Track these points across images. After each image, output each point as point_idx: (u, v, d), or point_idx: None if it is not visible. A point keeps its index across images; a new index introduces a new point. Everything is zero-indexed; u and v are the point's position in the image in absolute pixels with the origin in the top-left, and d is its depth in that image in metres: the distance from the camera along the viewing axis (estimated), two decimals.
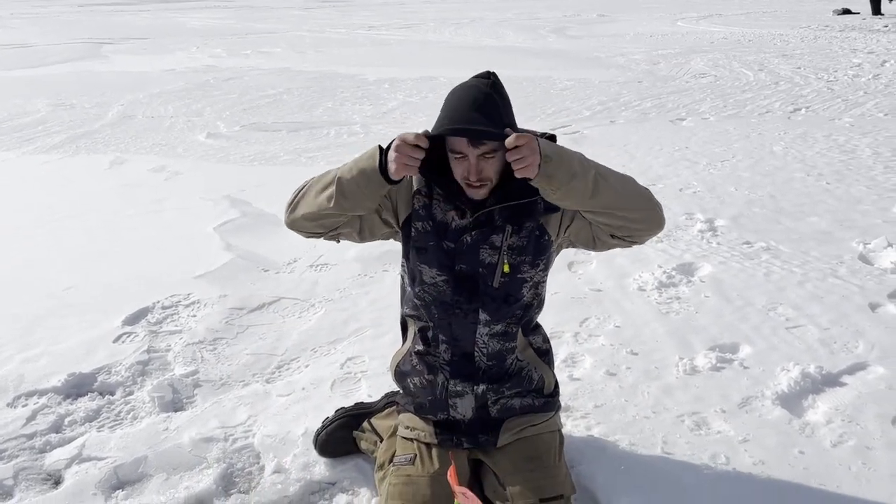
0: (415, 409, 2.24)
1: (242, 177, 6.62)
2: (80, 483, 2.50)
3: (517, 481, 2.04)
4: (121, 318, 3.69)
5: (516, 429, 2.16)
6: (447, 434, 2.18)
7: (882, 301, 3.59)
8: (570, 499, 2.08)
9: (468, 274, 2.08)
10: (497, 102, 1.85)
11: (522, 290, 2.10)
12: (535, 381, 2.20)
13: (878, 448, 2.47)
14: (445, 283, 2.09)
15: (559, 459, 2.16)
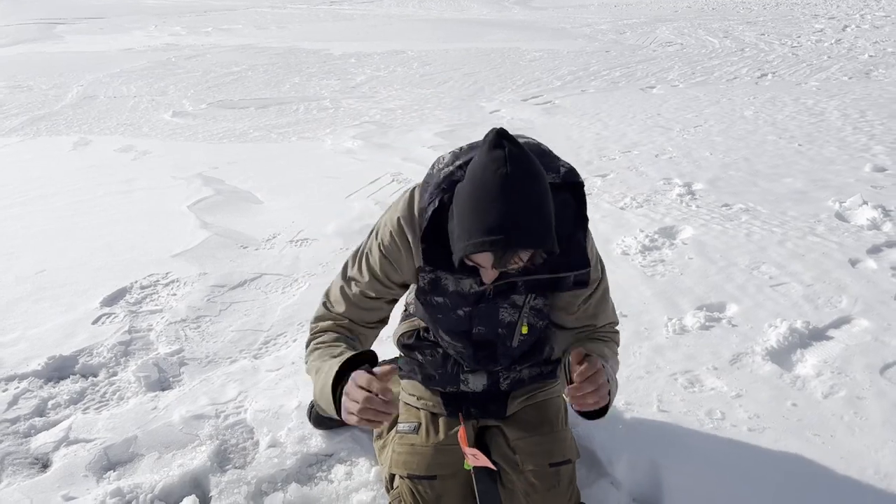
0: (422, 379, 2.17)
1: (213, 155, 6.48)
2: (69, 466, 2.44)
3: (527, 446, 2.02)
4: (98, 299, 3.59)
5: (523, 396, 2.13)
6: (454, 405, 2.13)
7: (861, 257, 3.65)
8: (575, 463, 2.08)
9: (486, 338, 1.98)
10: (524, 191, 1.45)
11: (544, 346, 2.06)
12: (545, 353, 2.16)
13: (869, 397, 2.52)
14: (462, 345, 2.02)
15: (566, 424, 2.16)
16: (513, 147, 1.47)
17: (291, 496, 2.28)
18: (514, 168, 1.45)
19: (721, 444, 2.32)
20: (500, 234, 1.41)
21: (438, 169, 1.70)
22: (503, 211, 1.42)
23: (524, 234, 1.43)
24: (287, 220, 4.68)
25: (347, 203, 5.02)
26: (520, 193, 1.44)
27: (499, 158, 1.45)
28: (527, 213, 1.44)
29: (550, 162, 1.70)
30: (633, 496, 2.22)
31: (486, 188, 1.45)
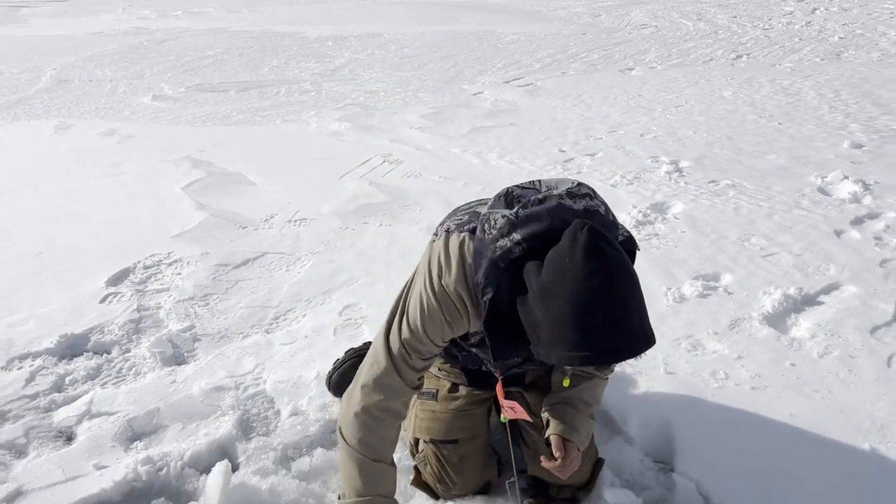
0: (444, 356, 2.17)
1: (198, 137, 6.46)
2: (94, 437, 2.48)
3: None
4: (102, 279, 3.61)
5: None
6: (476, 377, 2.17)
7: (846, 228, 3.82)
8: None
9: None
10: (632, 301, 1.43)
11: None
12: None
13: (861, 356, 2.67)
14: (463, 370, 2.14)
15: None
16: (610, 250, 1.41)
17: (318, 460, 2.35)
18: (620, 279, 1.41)
19: (726, 402, 2.45)
20: (607, 353, 1.41)
21: (491, 237, 1.58)
22: (621, 326, 1.40)
23: (628, 350, 1.42)
24: (282, 200, 4.71)
25: (341, 184, 5.06)
26: (629, 305, 1.42)
27: (602, 271, 1.38)
28: (639, 320, 1.43)
29: (611, 231, 1.59)
30: (646, 451, 2.33)
31: (592, 304, 1.38)
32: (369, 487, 1.76)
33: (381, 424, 1.80)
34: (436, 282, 1.70)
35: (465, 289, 1.67)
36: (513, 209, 1.58)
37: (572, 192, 1.58)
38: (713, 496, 2.11)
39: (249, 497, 2.17)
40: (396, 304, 1.83)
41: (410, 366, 1.78)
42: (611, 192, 4.55)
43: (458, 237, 1.71)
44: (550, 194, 1.57)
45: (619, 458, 2.29)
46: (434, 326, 1.73)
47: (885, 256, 3.46)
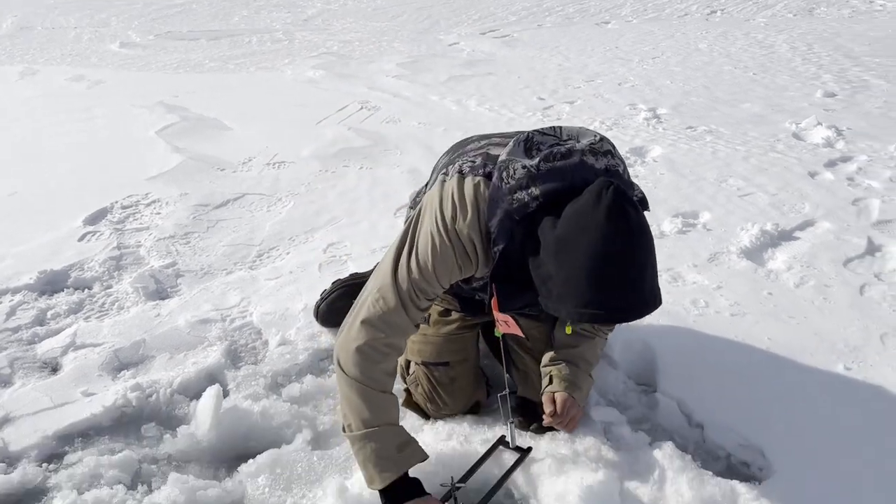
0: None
1: (171, 84, 6.33)
2: (81, 368, 2.47)
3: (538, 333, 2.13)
4: (80, 218, 3.55)
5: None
6: (469, 309, 2.17)
7: (819, 170, 3.90)
8: None
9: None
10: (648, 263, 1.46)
11: None
12: None
13: (835, 285, 2.76)
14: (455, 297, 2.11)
15: None
16: (633, 213, 1.42)
17: (307, 386, 2.37)
18: (640, 242, 1.43)
19: (707, 327, 2.52)
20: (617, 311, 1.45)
21: (509, 187, 1.55)
22: (634, 288, 1.43)
23: (636, 311, 1.45)
24: (260, 144, 4.66)
25: (319, 129, 5.01)
26: (646, 269, 1.44)
27: (624, 232, 1.40)
28: (651, 284, 1.45)
29: (630, 191, 1.59)
30: (629, 374, 2.39)
31: (611, 265, 1.40)
32: (377, 417, 1.74)
33: (384, 359, 1.77)
34: (449, 224, 1.66)
35: (477, 235, 1.64)
36: (532, 158, 1.56)
37: (595, 149, 1.57)
38: (694, 413, 2.18)
39: (241, 420, 2.19)
40: (403, 239, 1.77)
41: (416, 305, 1.75)
42: None
43: (473, 180, 1.67)
44: (574, 148, 1.55)
45: (604, 381, 2.35)
46: (444, 268, 1.70)
47: (858, 195, 3.56)
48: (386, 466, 1.70)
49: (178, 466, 2.10)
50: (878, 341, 2.42)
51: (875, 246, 3.05)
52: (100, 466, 2.04)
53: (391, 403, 1.80)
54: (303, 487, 1.96)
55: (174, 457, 2.13)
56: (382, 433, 1.72)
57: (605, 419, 2.15)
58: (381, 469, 1.69)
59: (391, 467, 1.70)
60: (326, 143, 4.67)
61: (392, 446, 1.72)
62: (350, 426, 1.75)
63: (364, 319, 1.75)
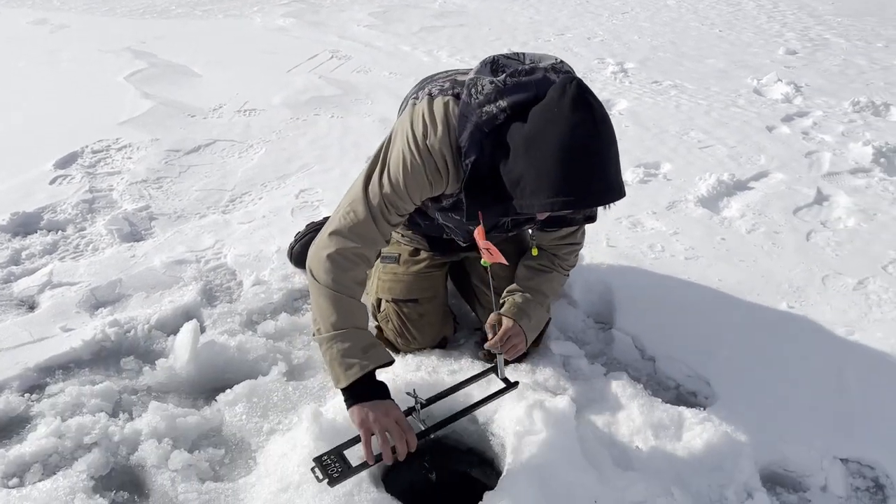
0: (407, 223, 2.22)
1: (137, 30, 6.22)
2: (58, 305, 2.52)
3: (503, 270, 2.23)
4: (50, 162, 3.55)
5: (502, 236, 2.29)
6: (439, 248, 2.27)
7: (777, 124, 4.05)
8: None
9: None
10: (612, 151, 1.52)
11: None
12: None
13: (784, 232, 2.92)
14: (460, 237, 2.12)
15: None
16: (596, 104, 1.50)
17: (282, 324, 2.46)
18: (604, 130, 1.49)
19: (662, 270, 2.66)
20: (586, 196, 1.48)
21: (478, 101, 1.62)
22: (602, 174, 1.48)
23: (615, 192, 1.51)
24: (230, 91, 4.66)
25: (289, 77, 5.01)
26: (610, 155, 1.50)
27: (589, 121, 1.47)
28: (615, 172, 1.51)
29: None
30: (588, 313, 2.53)
31: (578, 150, 1.46)
32: (345, 320, 1.79)
33: (354, 267, 1.84)
34: (420, 140, 1.73)
35: (448, 150, 1.70)
36: (498, 76, 1.64)
37: (556, 68, 1.66)
38: (647, 348, 2.33)
39: (218, 354, 2.28)
40: (375, 160, 1.84)
41: (386, 219, 1.83)
42: None
43: (443, 100, 1.74)
44: (537, 66, 1.64)
45: (564, 319, 2.48)
46: (415, 183, 1.76)
47: (811, 149, 3.71)
48: (350, 365, 1.73)
49: (158, 397, 2.18)
50: (820, 282, 2.59)
51: (823, 196, 3.21)
52: (81, 396, 2.11)
53: (359, 309, 1.85)
54: (279, 414, 2.07)
55: (153, 388, 2.22)
56: (349, 335, 1.76)
57: (564, 353, 2.29)
58: (346, 367, 1.73)
59: (355, 366, 1.73)
60: (297, 91, 4.68)
61: (357, 347, 1.76)
62: (319, 330, 1.80)
63: (334, 230, 1.84)
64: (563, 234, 2.10)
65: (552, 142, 1.48)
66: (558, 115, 1.49)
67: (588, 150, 1.47)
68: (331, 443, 1.82)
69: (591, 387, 2.12)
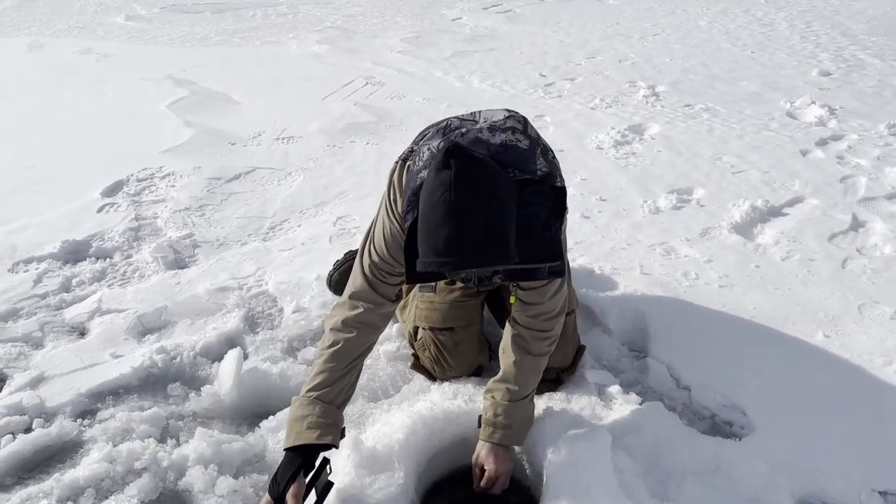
0: None
1: (178, 58, 6.41)
2: (107, 331, 2.63)
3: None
4: (97, 190, 3.69)
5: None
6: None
7: (811, 148, 4.04)
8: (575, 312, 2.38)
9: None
10: (470, 215, 1.47)
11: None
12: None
13: (819, 259, 2.91)
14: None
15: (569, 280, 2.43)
16: (461, 165, 1.48)
17: None
18: (458, 193, 1.46)
19: (697, 298, 2.67)
20: (447, 257, 1.47)
21: (416, 168, 1.73)
22: (448, 236, 1.46)
23: (469, 257, 1.47)
24: (269, 119, 4.78)
25: (325, 104, 5.12)
26: (465, 219, 1.46)
27: (445, 183, 1.48)
28: (472, 236, 1.46)
29: (526, 165, 1.69)
30: (623, 342, 2.55)
31: (435, 213, 1.48)
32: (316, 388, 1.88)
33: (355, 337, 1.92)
34: (391, 208, 1.85)
35: (400, 214, 1.79)
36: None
37: (495, 126, 1.72)
38: (683, 377, 2.34)
39: (261, 380, 2.35)
40: (368, 231, 1.98)
41: (384, 282, 1.93)
42: (590, 114, 4.70)
43: (402, 167, 1.85)
44: (473, 128, 1.72)
45: (599, 347, 2.51)
46: (395, 249, 1.85)
47: (846, 173, 3.69)
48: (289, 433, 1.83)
49: (203, 422, 2.26)
50: (857, 311, 2.58)
51: (859, 222, 3.20)
52: (131, 422, 2.20)
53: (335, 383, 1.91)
54: None
55: (199, 414, 2.29)
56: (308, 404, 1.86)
57: (599, 381, 2.32)
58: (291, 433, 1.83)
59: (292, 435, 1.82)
60: (333, 118, 4.79)
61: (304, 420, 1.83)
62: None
63: (343, 301, 1.99)
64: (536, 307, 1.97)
65: (421, 206, 1.55)
66: (427, 180, 1.55)
67: (440, 214, 1.48)
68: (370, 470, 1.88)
69: (626, 416, 2.14)
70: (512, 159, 1.68)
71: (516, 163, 1.68)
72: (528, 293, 1.95)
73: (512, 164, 1.67)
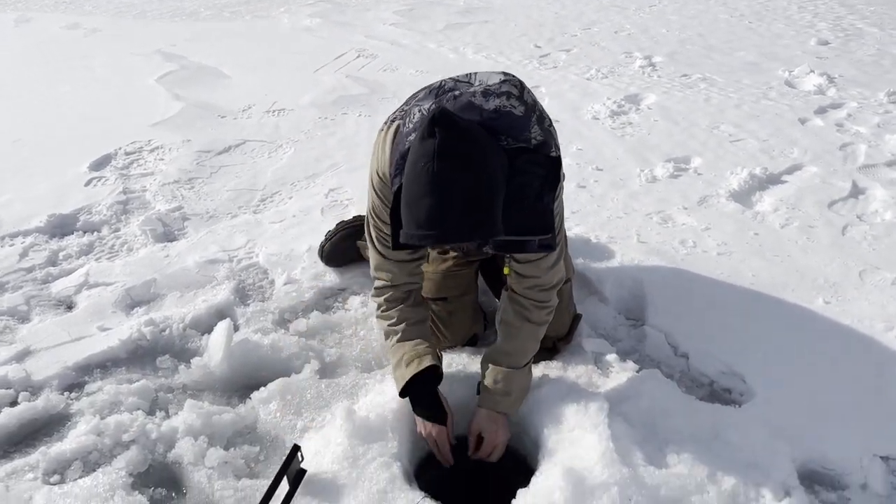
0: None
1: (167, 32, 6.30)
2: (95, 305, 2.58)
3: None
4: (85, 164, 3.62)
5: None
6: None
7: (810, 116, 3.98)
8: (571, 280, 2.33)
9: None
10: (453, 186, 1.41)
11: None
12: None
13: (819, 226, 2.87)
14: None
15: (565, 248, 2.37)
16: (447, 134, 1.41)
17: (314, 322, 2.48)
18: (442, 163, 1.40)
19: (694, 265, 2.63)
20: (428, 229, 1.42)
21: (407, 130, 1.65)
22: (430, 208, 1.41)
23: (452, 230, 1.42)
24: (259, 92, 4.70)
25: (317, 77, 5.04)
26: (447, 190, 1.40)
27: (428, 152, 1.41)
28: (455, 208, 1.40)
29: (520, 133, 1.61)
30: (619, 310, 2.51)
31: (418, 183, 1.43)
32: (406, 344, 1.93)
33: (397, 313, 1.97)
34: (373, 171, 1.81)
35: (388, 178, 1.72)
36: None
37: (489, 90, 1.62)
38: (681, 344, 2.30)
39: (251, 352, 2.30)
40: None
41: (390, 246, 1.85)
42: (586, 85, 4.63)
43: (390, 128, 1.77)
44: (467, 91, 1.63)
45: (595, 315, 2.47)
46: (384, 212, 1.80)
47: (846, 141, 3.64)
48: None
49: (193, 395, 2.22)
50: (857, 277, 2.54)
51: (859, 189, 3.15)
52: (119, 394, 2.16)
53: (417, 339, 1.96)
54: (312, 412, 2.09)
55: (189, 386, 2.25)
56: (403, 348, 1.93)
57: (595, 350, 2.28)
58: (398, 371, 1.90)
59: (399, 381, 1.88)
60: (325, 91, 4.71)
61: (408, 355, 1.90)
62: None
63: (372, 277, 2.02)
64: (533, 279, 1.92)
65: (405, 175, 1.49)
66: (412, 149, 1.49)
67: (422, 185, 1.42)
68: (364, 440, 1.84)
69: (623, 384, 2.10)
70: (505, 126, 1.60)
71: (509, 130, 1.60)
72: (525, 266, 1.90)
73: (505, 131, 1.59)
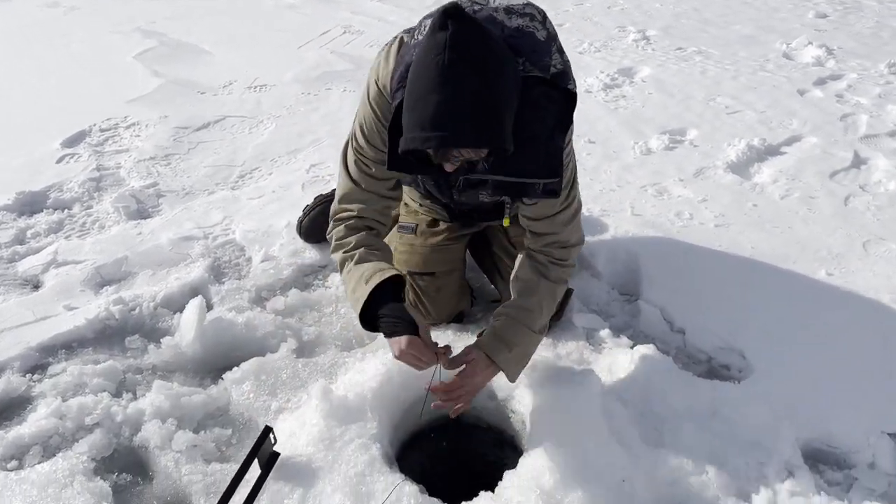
0: (423, 192, 2.06)
1: (147, 10, 6.11)
2: (62, 283, 2.45)
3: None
4: (58, 141, 3.47)
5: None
6: (459, 217, 2.13)
7: (808, 87, 3.86)
8: None
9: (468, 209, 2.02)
10: (463, 81, 1.28)
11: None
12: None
13: (820, 196, 2.76)
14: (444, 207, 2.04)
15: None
16: (460, 27, 1.28)
17: (292, 300, 2.37)
18: (453, 55, 1.27)
19: (691, 238, 2.52)
20: (433, 130, 1.29)
21: (415, 41, 1.48)
22: (437, 104, 1.28)
23: (459, 131, 1.29)
24: (240, 69, 4.54)
25: (300, 53, 4.88)
26: (457, 85, 1.28)
27: (439, 44, 1.27)
28: (464, 107, 1.28)
29: (540, 58, 1.47)
30: (612, 285, 2.40)
31: (425, 78, 1.30)
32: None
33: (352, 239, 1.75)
34: (371, 80, 1.66)
35: (388, 90, 1.58)
36: None
37: (512, 9, 1.49)
38: (677, 319, 2.20)
39: (225, 330, 2.19)
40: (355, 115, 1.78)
41: (370, 175, 1.74)
42: (578, 58, 4.49)
43: (396, 40, 1.63)
44: (487, 6, 1.49)
45: (587, 290, 2.36)
46: (377, 136, 1.67)
47: (846, 111, 3.53)
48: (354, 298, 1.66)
49: (163, 376, 2.11)
50: (861, 248, 2.43)
51: (861, 159, 3.05)
52: (83, 375, 2.05)
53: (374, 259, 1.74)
54: (287, 392, 1.98)
55: (159, 367, 2.14)
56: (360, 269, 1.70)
57: (587, 325, 2.17)
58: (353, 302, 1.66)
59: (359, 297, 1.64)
60: (309, 67, 4.56)
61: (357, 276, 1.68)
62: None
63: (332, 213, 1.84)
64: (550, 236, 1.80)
65: (411, 72, 1.36)
66: (421, 43, 1.36)
67: (431, 80, 1.29)
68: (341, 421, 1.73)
69: (617, 360, 1.99)
70: (526, 47, 1.45)
71: (530, 53, 1.46)
72: (540, 223, 1.77)
73: (526, 52, 1.45)
